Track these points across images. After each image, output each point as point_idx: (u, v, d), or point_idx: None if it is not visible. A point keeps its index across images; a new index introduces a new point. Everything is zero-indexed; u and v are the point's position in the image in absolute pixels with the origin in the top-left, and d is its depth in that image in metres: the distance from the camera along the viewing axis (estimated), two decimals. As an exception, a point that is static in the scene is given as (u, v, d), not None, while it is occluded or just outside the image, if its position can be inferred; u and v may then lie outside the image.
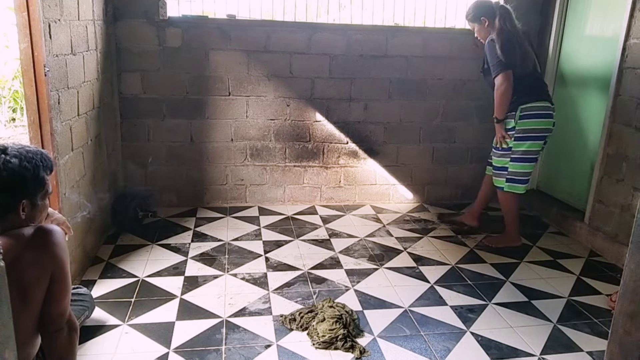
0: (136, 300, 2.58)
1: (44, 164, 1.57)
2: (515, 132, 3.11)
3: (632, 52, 3.06)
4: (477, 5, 3.19)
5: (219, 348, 2.22)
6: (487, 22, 3.14)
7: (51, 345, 1.59)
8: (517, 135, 3.11)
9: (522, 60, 3.05)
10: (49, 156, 1.61)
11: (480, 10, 3.16)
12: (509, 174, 3.20)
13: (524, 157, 3.14)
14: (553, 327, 2.48)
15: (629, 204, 3.08)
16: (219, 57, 3.68)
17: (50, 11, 2.38)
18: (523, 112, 3.07)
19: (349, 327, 2.33)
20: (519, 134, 3.10)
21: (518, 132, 3.10)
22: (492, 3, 3.18)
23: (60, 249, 1.54)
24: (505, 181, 3.22)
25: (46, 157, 1.59)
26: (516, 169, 3.17)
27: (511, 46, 3.02)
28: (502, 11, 3.09)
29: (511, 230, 3.38)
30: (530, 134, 3.10)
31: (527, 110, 3.07)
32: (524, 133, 3.10)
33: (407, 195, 4.18)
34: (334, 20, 4.11)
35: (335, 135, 3.96)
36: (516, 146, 3.13)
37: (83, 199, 2.84)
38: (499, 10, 3.11)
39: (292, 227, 3.60)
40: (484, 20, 3.15)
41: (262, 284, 2.79)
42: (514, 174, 3.19)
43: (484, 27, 3.17)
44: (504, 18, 3.07)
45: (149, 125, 3.72)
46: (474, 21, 3.22)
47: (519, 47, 3.05)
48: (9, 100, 6.54)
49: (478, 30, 3.23)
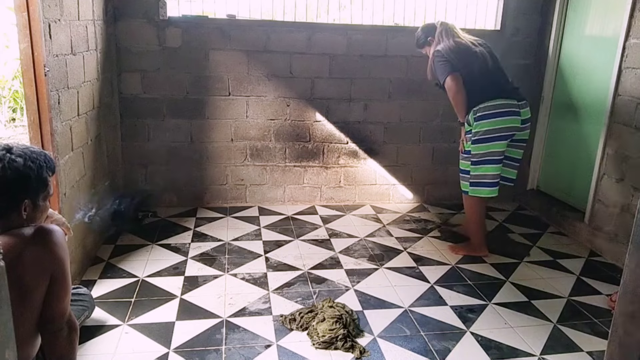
0: (136, 300, 2.58)
1: (47, 164, 1.58)
2: (472, 135, 3.02)
3: (632, 52, 3.06)
4: (423, 30, 3.25)
5: (219, 348, 2.22)
6: (433, 40, 3.17)
7: (51, 345, 1.59)
8: (473, 138, 3.01)
9: (465, 61, 3.02)
10: (51, 157, 1.62)
11: (426, 32, 3.22)
12: (471, 177, 3.07)
13: (486, 159, 3.01)
14: (553, 327, 2.48)
15: (629, 204, 3.08)
16: (219, 57, 3.68)
17: (50, 11, 2.38)
18: (477, 113, 2.99)
19: (349, 327, 2.33)
20: (475, 137, 3.00)
21: (475, 135, 3.00)
22: (434, 24, 3.23)
23: (61, 249, 1.54)
24: (469, 185, 3.10)
25: (49, 158, 1.60)
26: (479, 172, 3.04)
27: (450, 51, 3.03)
28: (441, 27, 3.15)
29: (475, 238, 3.23)
30: (489, 134, 2.97)
31: (481, 111, 2.97)
32: (482, 135, 2.98)
33: (407, 195, 4.18)
34: (334, 20, 4.11)
35: (335, 135, 3.96)
36: (475, 149, 3.01)
37: (85, 204, 2.85)
38: (439, 27, 3.16)
39: (292, 227, 3.60)
40: (430, 40, 3.19)
41: (262, 284, 2.79)
42: (477, 177, 3.05)
43: (433, 47, 3.17)
44: (444, 33, 3.12)
45: (149, 125, 3.72)
46: (424, 45, 3.26)
47: (460, 51, 3.04)
48: (9, 100, 6.55)
49: (428, 51, 3.24)
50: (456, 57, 3.02)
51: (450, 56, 3.02)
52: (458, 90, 3.00)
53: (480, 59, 3.04)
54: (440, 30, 3.13)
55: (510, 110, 2.97)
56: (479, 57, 3.04)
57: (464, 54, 3.03)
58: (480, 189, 3.07)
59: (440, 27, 3.14)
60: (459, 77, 2.99)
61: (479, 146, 3.00)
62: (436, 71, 3.10)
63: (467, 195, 3.16)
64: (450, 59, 3.01)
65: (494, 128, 2.96)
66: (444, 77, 3.02)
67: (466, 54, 3.04)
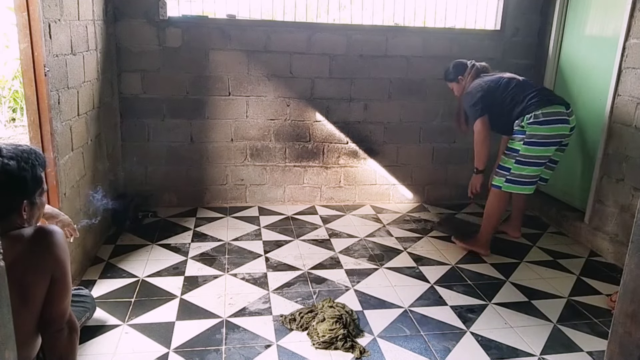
0: (136, 300, 2.58)
1: (39, 162, 1.56)
2: (525, 137, 3.04)
3: (632, 52, 3.06)
4: (454, 66, 3.36)
5: (219, 348, 2.22)
6: (462, 79, 3.31)
7: (51, 345, 1.59)
8: (527, 140, 3.03)
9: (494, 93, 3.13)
10: (41, 152, 1.61)
11: (457, 70, 3.33)
12: (510, 174, 3.11)
13: (532, 162, 3.06)
14: (553, 327, 2.48)
15: (629, 204, 3.08)
16: (219, 57, 3.68)
17: (50, 11, 2.38)
18: (530, 119, 3.01)
19: (349, 327, 2.33)
20: (530, 139, 3.02)
21: (529, 137, 3.03)
22: (467, 62, 3.33)
23: (61, 250, 1.54)
24: (504, 181, 3.14)
25: (39, 154, 1.59)
26: (522, 172, 3.08)
27: (479, 89, 3.15)
28: (471, 69, 3.28)
29: (483, 235, 3.27)
30: (543, 139, 3.01)
31: (536, 117, 3.00)
32: (537, 139, 3.01)
33: (407, 195, 4.18)
34: (334, 20, 4.11)
35: (335, 135, 3.96)
36: (525, 150, 3.04)
37: (88, 207, 2.85)
38: (469, 68, 3.29)
39: (292, 227, 3.60)
40: (460, 79, 3.32)
41: (262, 284, 2.79)
42: (517, 176, 3.09)
43: (460, 86, 3.32)
44: (475, 73, 3.27)
45: (149, 125, 3.72)
46: (451, 80, 3.37)
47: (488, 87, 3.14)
48: (9, 100, 6.55)
49: (456, 88, 3.37)
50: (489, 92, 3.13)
51: (484, 94, 3.13)
52: (486, 135, 3.13)
53: (512, 78, 3.19)
54: (471, 71, 3.28)
55: (562, 118, 3.02)
56: (512, 77, 3.19)
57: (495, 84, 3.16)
58: (516, 186, 3.13)
59: (471, 68, 3.29)
60: (487, 120, 3.13)
61: (531, 149, 3.03)
62: (468, 112, 3.24)
63: (496, 191, 3.19)
64: (482, 97, 3.12)
65: (548, 134, 3.01)
66: (474, 120, 3.15)
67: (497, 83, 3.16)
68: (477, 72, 3.28)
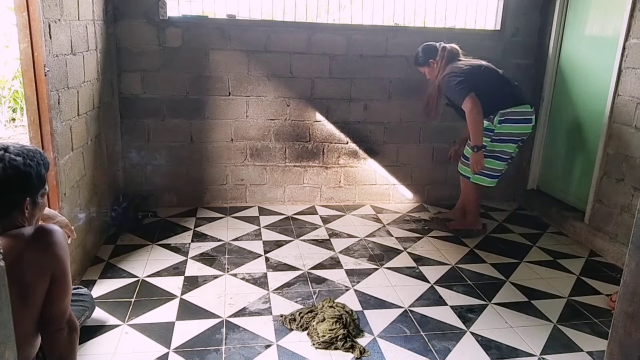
0: (136, 300, 2.58)
1: (43, 162, 1.59)
2: (493, 135, 3.24)
3: (632, 52, 3.06)
4: (423, 50, 3.37)
5: (219, 348, 2.22)
6: (434, 62, 3.32)
7: (51, 345, 1.59)
8: (495, 138, 3.24)
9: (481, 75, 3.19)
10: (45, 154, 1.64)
11: (428, 54, 3.35)
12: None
13: (495, 156, 3.29)
14: (553, 327, 2.48)
15: (629, 204, 3.08)
16: (219, 57, 3.68)
17: (50, 11, 2.38)
18: (502, 116, 3.20)
19: (349, 327, 2.33)
20: (496, 137, 3.24)
21: (496, 135, 3.24)
22: (436, 45, 3.34)
23: (61, 249, 1.54)
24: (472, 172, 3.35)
25: (44, 156, 1.61)
26: (487, 164, 3.29)
27: (462, 71, 3.18)
28: (443, 51, 3.29)
29: (472, 215, 3.55)
30: (508, 137, 3.25)
31: (508, 115, 3.20)
32: (502, 136, 3.24)
33: (407, 195, 4.18)
34: (334, 20, 4.11)
35: (335, 135, 3.96)
36: (491, 146, 3.27)
37: (85, 204, 2.85)
38: (441, 51, 3.30)
39: (292, 227, 3.60)
40: (432, 62, 3.33)
41: (262, 284, 2.79)
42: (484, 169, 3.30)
43: (432, 69, 3.35)
44: (447, 55, 3.28)
45: (149, 125, 3.72)
46: (423, 65, 3.38)
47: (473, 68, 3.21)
48: (9, 100, 6.55)
49: (428, 72, 3.40)
50: (471, 74, 3.17)
51: (467, 76, 3.16)
52: (478, 111, 3.15)
53: (491, 69, 3.26)
54: (443, 54, 3.28)
55: (529, 118, 3.25)
56: (490, 68, 3.26)
57: (476, 69, 3.21)
58: (482, 178, 3.36)
59: (443, 51, 3.29)
60: (475, 97, 3.14)
61: (495, 144, 3.26)
62: (450, 94, 3.26)
63: (467, 180, 3.44)
64: (466, 78, 3.15)
65: (514, 132, 3.24)
66: (462, 98, 3.16)
67: (478, 69, 3.22)
68: (449, 55, 3.28)
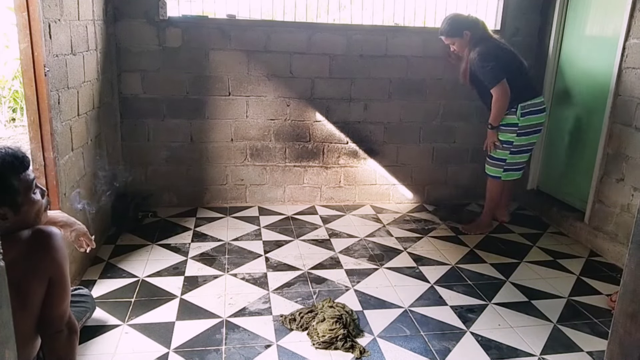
0: (136, 300, 2.58)
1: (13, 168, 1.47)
2: (518, 129, 3.29)
3: (632, 52, 3.06)
4: (455, 20, 3.27)
5: (219, 348, 2.22)
6: (469, 34, 3.22)
7: (51, 347, 1.59)
8: (520, 132, 3.29)
9: (513, 62, 3.23)
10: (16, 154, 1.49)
11: (461, 24, 3.24)
12: (507, 164, 3.39)
13: (525, 149, 3.39)
14: (553, 327, 2.48)
15: (629, 204, 3.08)
16: (219, 57, 3.68)
17: (50, 11, 2.38)
18: (524, 109, 3.26)
19: (349, 327, 2.33)
20: (522, 130, 3.29)
21: (522, 129, 3.29)
22: (468, 16, 3.27)
23: (59, 253, 1.53)
24: (502, 171, 3.42)
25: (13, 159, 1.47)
26: (516, 160, 3.39)
27: (496, 54, 3.17)
28: (479, 24, 3.24)
29: (486, 217, 3.61)
30: (532, 129, 3.32)
31: (528, 107, 3.26)
32: (527, 129, 3.30)
33: (407, 195, 4.18)
34: (334, 20, 4.11)
35: (335, 135, 3.96)
36: (519, 141, 3.32)
37: (85, 196, 2.84)
38: (474, 21, 3.24)
39: (292, 227, 3.60)
40: (466, 34, 3.23)
41: (262, 284, 2.79)
42: (513, 164, 3.40)
43: (465, 41, 3.25)
44: (482, 30, 3.24)
45: (149, 125, 3.72)
46: (454, 35, 3.26)
47: (507, 53, 3.22)
48: (9, 100, 6.55)
49: (459, 44, 3.29)
50: (505, 60, 3.18)
51: (501, 61, 3.16)
52: (506, 98, 3.19)
53: (518, 58, 3.27)
54: (479, 27, 3.21)
55: (544, 109, 3.35)
56: (518, 57, 3.27)
57: (510, 55, 3.22)
58: (513, 173, 3.46)
59: (476, 22, 3.23)
60: (506, 84, 3.17)
61: (523, 138, 3.32)
62: (483, 75, 3.21)
63: (494, 180, 3.48)
64: (500, 64, 3.15)
65: (536, 123, 3.32)
66: (496, 82, 3.16)
67: (511, 55, 3.23)
68: (483, 29, 3.23)
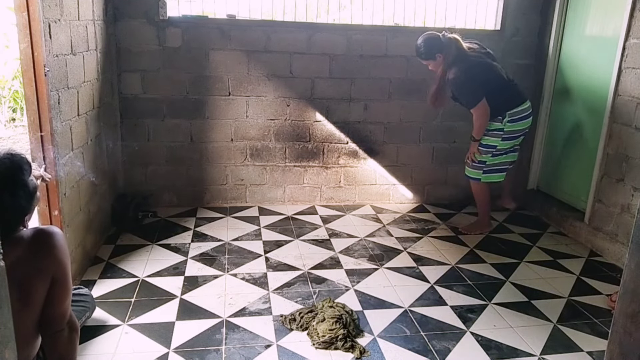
0: (136, 300, 2.58)
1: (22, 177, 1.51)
2: (504, 134, 3.33)
3: (632, 52, 3.06)
4: (428, 43, 3.26)
5: (219, 348, 2.22)
6: (441, 57, 3.25)
7: (52, 346, 1.59)
8: (505, 136, 3.34)
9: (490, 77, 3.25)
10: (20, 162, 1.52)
11: (433, 48, 3.26)
12: (486, 166, 3.42)
13: (507, 151, 3.43)
14: (553, 327, 2.48)
15: (629, 204, 3.08)
16: (219, 57, 3.68)
17: (50, 11, 2.38)
18: (511, 117, 3.29)
19: (349, 327, 2.33)
20: (507, 135, 3.33)
21: (507, 134, 3.33)
22: (440, 37, 3.26)
23: (61, 251, 1.54)
24: (482, 173, 3.43)
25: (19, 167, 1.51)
26: (497, 161, 3.42)
27: (473, 74, 3.19)
28: (450, 43, 3.22)
29: (483, 218, 3.61)
30: (517, 133, 3.37)
31: (515, 114, 3.30)
32: (512, 134, 3.34)
33: (407, 195, 4.18)
34: (334, 20, 4.11)
35: (335, 135, 3.96)
36: (503, 145, 3.37)
37: (85, 204, 2.84)
38: (446, 42, 3.22)
39: (292, 227, 3.60)
40: (439, 56, 3.27)
41: (262, 284, 2.79)
42: (493, 166, 3.42)
43: (438, 63, 3.29)
44: (454, 49, 3.21)
45: (149, 125, 3.72)
46: (428, 58, 3.32)
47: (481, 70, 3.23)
48: (9, 100, 6.55)
49: (433, 65, 3.33)
50: (482, 79, 3.22)
51: (478, 80, 3.20)
52: (486, 116, 3.26)
53: (497, 69, 3.30)
54: (451, 47, 3.21)
55: (530, 113, 3.37)
56: (497, 68, 3.30)
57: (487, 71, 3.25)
58: (492, 175, 3.46)
59: (449, 43, 3.21)
60: (486, 103, 3.22)
61: (507, 142, 3.37)
62: (461, 97, 3.30)
63: (477, 182, 3.48)
64: (478, 83, 3.20)
65: (521, 128, 3.36)
66: (475, 103, 3.22)
67: (488, 70, 3.25)
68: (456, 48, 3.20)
